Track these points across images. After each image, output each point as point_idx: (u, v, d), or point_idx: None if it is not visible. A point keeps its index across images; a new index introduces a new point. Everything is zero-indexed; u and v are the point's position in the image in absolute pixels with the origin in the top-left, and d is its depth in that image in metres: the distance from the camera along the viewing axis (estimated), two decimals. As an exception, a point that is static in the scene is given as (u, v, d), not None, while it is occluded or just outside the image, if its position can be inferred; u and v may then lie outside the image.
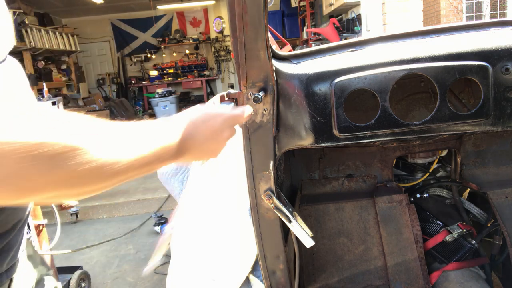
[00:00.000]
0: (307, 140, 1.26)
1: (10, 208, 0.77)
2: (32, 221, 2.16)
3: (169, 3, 10.14)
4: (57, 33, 8.45)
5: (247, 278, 2.32)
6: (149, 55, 11.55)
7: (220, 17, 10.57)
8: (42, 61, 7.80)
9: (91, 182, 0.51)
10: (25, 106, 0.48)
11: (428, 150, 1.73)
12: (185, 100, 11.17)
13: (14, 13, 6.71)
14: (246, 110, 0.82)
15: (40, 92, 5.22)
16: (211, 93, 11.29)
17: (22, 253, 0.89)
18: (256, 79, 1.14)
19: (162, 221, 3.65)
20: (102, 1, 8.62)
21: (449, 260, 1.70)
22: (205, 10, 11.26)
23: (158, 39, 11.39)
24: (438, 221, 1.79)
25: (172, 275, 2.22)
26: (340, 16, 6.52)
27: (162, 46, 11.44)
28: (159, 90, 9.83)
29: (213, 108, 0.77)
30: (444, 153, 1.82)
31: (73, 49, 9.08)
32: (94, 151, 0.49)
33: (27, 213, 0.84)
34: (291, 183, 1.80)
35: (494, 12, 7.07)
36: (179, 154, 0.67)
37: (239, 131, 1.02)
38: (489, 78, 1.17)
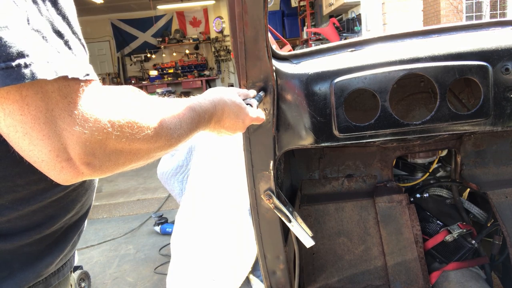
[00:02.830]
0: (307, 140, 1.26)
1: (90, 190, 0.80)
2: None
3: (169, 3, 10.13)
4: (57, 33, 8.42)
5: (247, 278, 2.32)
6: (149, 55, 11.54)
7: (220, 17, 10.57)
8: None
9: (163, 151, 0.63)
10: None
11: (428, 150, 1.73)
12: (185, 100, 11.13)
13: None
14: (261, 116, 0.96)
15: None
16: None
17: None
18: (256, 79, 1.14)
19: (162, 221, 3.64)
20: (102, 1, 8.62)
21: (449, 260, 1.70)
22: (205, 10, 11.25)
23: (158, 39, 11.38)
24: (438, 221, 1.79)
25: (172, 275, 2.22)
26: (340, 16, 6.52)
27: (162, 46, 11.43)
28: (159, 90, 9.83)
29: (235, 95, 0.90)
30: (444, 153, 1.82)
31: (73, 49, 9.04)
32: (168, 129, 0.60)
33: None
34: (291, 183, 1.80)
35: (494, 12, 7.07)
36: (209, 123, 0.78)
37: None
38: (489, 78, 1.17)
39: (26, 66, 0.45)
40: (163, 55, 11.77)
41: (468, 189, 1.86)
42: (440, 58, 1.19)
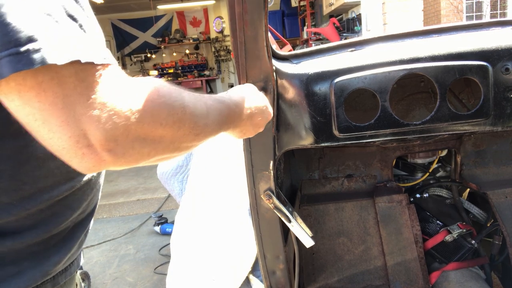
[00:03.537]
0: (307, 140, 1.26)
1: (95, 189, 0.79)
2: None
3: (169, 3, 10.13)
4: (57, 33, 8.42)
5: (247, 278, 2.32)
6: (149, 55, 11.54)
7: (220, 17, 10.57)
8: (42, 61, 7.78)
9: (196, 140, 0.61)
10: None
11: (428, 150, 1.73)
12: (185, 100, 11.15)
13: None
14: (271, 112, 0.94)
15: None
16: (211, 93, 11.28)
17: None
18: (256, 79, 1.14)
19: (162, 221, 3.64)
20: (102, 1, 8.62)
21: (449, 260, 1.70)
22: (205, 10, 11.25)
23: (158, 39, 11.38)
24: (438, 221, 1.79)
25: (172, 275, 2.22)
26: (340, 16, 6.52)
27: (162, 46, 11.43)
28: (159, 90, 9.82)
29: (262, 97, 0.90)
30: (444, 153, 1.82)
31: (73, 49, 9.04)
32: (192, 115, 0.58)
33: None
34: (291, 183, 1.80)
35: (494, 12, 7.07)
36: (241, 118, 0.77)
37: None
38: (489, 78, 1.17)
39: (36, 51, 0.44)
40: (163, 55, 11.77)
41: (468, 189, 1.86)
42: (440, 58, 1.19)
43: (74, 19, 0.50)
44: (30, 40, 0.44)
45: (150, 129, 0.51)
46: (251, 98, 0.81)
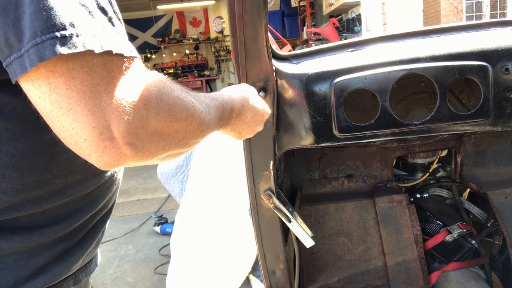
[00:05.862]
0: (307, 140, 1.26)
1: (116, 185, 0.80)
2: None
3: (169, 3, 10.13)
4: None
5: (247, 278, 2.32)
6: (149, 55, 11.52)
7: (220, 17, 10.57)
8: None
9: (200, 137, 0.63)
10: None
11: (428, 150, 1.73)
12: (185, 100, 11.16)
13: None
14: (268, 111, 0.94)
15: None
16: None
17: None
18: (256, 79, 1.14)
19: (162, 221, 3.64)
20: (102, 1, 8.61)
21: (449, 260, 1.70)
22: (205, 10, 11.25)
23: (158, 39, 11.37)
24: (438, 221, 1.79)
25: (172, 275, 2.22)
26: (340, 16, 6.52)
27: (162, 46, 11.42)
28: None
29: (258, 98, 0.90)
30: (444, 153, 1.82)
31: (73, 49, 9.05)
32: (200, 112, 0.61)
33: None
34: (291, 183, 1.80)
35: (494, 12, 7.07)
36: (231, 116, 0.77)
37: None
38: (489, 78, 1.17)
39: (78, 36, 0.45)
40: (163, 55, 11.76)
41: (468, 189, 1.86)
42: (440, 58, 1.19)
43: (104, 12, 0.51)
44: (72, 25, 0.46)
45: (166, 123, 0.52)
46: (239, 96, 0.82)
